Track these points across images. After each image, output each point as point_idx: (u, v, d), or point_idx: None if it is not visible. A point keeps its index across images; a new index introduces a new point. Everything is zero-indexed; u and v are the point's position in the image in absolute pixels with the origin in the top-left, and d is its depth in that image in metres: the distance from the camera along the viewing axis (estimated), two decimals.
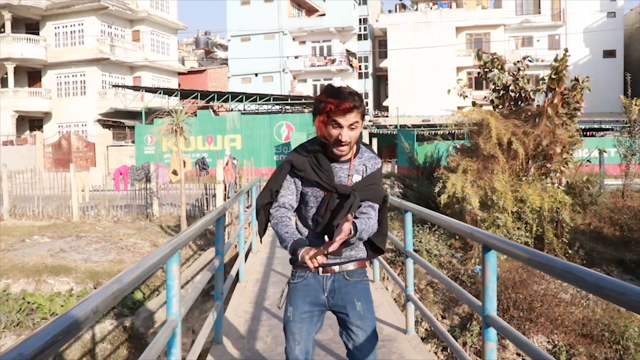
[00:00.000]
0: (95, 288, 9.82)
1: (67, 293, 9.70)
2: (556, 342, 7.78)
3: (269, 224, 2.51)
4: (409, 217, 4.24)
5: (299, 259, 2.22)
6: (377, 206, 2.48)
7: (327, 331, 4.29)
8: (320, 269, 2.42)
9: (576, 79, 9.60)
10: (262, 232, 2.60)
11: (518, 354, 7.74)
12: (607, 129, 29.30)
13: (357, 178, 2.41)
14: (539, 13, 39.77)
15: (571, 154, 9.74)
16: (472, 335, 7.96)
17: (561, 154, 9.57)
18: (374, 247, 2.57)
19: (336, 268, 2.45)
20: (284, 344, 2.49)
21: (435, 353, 8.22)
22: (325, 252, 2.16)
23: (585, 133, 27.91)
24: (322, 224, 2.40)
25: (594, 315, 7.91)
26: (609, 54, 38.49)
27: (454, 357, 7.51)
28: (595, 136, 28.18)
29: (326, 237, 2.27)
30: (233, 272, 5.38)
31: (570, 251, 9.67)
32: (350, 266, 2.47)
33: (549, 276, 8.00)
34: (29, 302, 9.29)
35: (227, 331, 4.39)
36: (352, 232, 2.23)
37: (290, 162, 2.41)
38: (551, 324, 7.82)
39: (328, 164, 2.39)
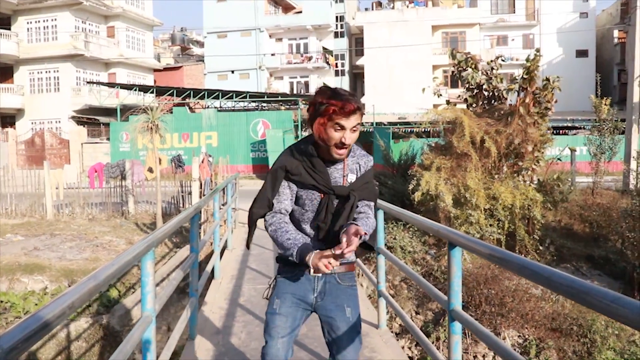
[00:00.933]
0: (70, 286, 9.75)
1: (41, 291, 9.63)
2: (527, 337, 7.96)
3: (267, 231, 2.39)
4: (380, 215, 4.33)
5: (311, 266, 2.17)
6: (373, 204, 2.46)
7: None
8: (312, 270, 2.27)
9: (547, 79, 9.82)
10: (250, 241, 2.53)
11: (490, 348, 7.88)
12: (579, 128, 29.81)
13: (352, 177, 2.37)
14: (514, 12, 40.27)
15: (542, 152, 9.95)
16: (445, 330, 8.10)
17: (533, 152, 9.78)
18: (365, 244, 2.52)
19: None
20: (258, 340, 2.44)
21: (410, 348, 8.36)
22: (336, 258, 2.14)
23: (557, 131, 28.40)
24: (325, 229, 2.33)
25: (563, 310, 8.10)
26: (582, 53, 39.13)
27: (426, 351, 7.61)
28: (567, 134, 28.66)
29: (336, 248, 2.14)
30: (208, 269, 5.43)
31: (541, 247, 9.89)
32: (342, 268, 2.42)
33: None
34: (1, 301, 9.20)
35: (202, 327, 4.45)
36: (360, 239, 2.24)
37: (284, 168, 2.32)
38: (522, 318, 7.99)
39: (322, 165, 2.31)
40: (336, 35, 42.39)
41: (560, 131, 28.82)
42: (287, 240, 2.27)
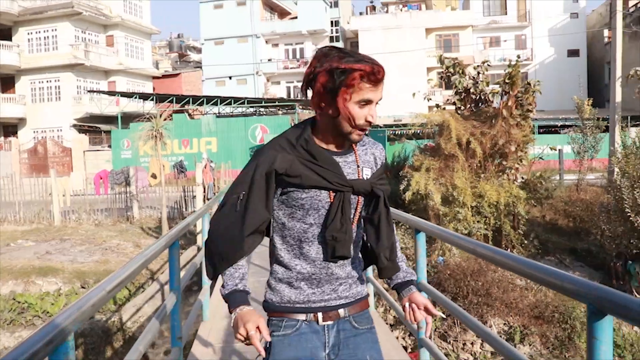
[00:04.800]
0: (82, 287, 10.36)
1: (55, 292, 10.21)
2: (511, 324, 8.53)
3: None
4: None
5: (232, 321, 1.65)
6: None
7: None
8: (320, 315, 1.74)
9: (528, 83, 10.42)
10: (222, 270, 1.74)
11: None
12: (570, 126, 30.29)
13: (367, 172, 1.78)
14: (506, 14, 40.96)
15: (525, 152, 10.55)
16: (435, 319, 8.67)
17: (516, 152, 10.38)
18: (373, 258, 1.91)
19: (341, 311, 1.78)
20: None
21: (403, 338, 8.92)
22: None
23: (549, 130, 28.99)
24: (344, 243, 1.69)
25: (545, 299, 8.67)
26: (573, 53, 39.78)
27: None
28: (560, 133, 29.18)
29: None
30: None
31: (526, 241, 10.47)
32: (356, 308, 1.81)
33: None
34: (19, 302, 9.79)
35: (213, 312, 5.05)
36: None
37: (272, 170, 1.66)
38: (507, 307, 8.54)
39: (329, 157, 1.70)
40: (332, 39, 43.04)
41: (552, 129, 29.38)
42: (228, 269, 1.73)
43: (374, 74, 1.59)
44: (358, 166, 1.75)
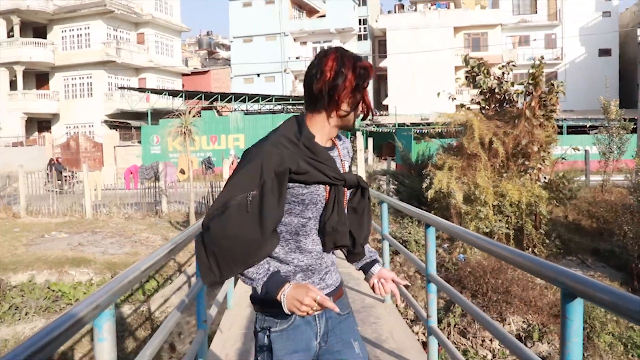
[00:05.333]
0: (112, 277, 10.76)
1: (87, 282, 10.62)
2: (530, 322, 8.63)
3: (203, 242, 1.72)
4: (384, 207, 5.13)
5: (285, 307, 1.66)
6: None
7: None
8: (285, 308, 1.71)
9: (552, 84, 10.46)
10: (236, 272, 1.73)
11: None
12: (600, 126, 29.94)
13: (347, 165, 1.91)
14: (536, 13, 40.52)
15: (548, 152, 10.59)
16: (455, 316, 8.81)
17: (539, 152, 10.44)
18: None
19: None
20: None
21: (424, 334, 9.08)
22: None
23: (577, 130, 28.66)
24: (342, 232, 1.80)
25: None
26: (605, 52, 39.16)
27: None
28: (588, 133, 28.83)
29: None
30: None
31: (547, 241, 10.53)
32: (338, 294, 1.93)
33: None
34: (53, 291, 10.23)
35: (237, 301, 5.31)
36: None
37: (286, 167, 1.67)
38: (526, 305, 8.66)
39: (327, 152, 1.78)
40: (359, 38, 43.15)
41: (581, 130, 29.03)
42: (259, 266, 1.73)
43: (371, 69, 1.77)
44: (342, 160, 1.86)
